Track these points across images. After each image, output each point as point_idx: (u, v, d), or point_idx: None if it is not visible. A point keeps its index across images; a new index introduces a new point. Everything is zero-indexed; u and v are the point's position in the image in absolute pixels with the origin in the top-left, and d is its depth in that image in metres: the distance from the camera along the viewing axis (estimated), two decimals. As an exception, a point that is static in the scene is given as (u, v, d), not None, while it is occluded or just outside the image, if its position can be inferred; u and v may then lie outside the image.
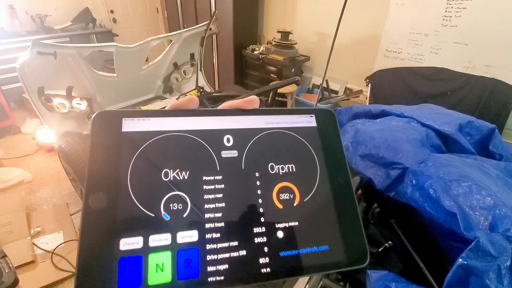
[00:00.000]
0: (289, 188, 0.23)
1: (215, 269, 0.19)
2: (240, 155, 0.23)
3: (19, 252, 1.54)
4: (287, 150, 0.24)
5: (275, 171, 0.23)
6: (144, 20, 4.35)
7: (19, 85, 2.03)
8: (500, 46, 1.89)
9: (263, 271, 0.20)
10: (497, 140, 0.86)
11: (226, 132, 0.24)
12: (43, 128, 2.45)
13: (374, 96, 2.56)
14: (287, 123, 0.25)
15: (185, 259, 0.19)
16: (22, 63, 1.47)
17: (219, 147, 0.23)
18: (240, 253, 0.20)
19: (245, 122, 0.24)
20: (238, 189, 0.22)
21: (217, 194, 0.21)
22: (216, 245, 0.20)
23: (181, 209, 0.20)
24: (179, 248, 0.19)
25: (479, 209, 0.55)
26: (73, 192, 2.05)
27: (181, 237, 0.20)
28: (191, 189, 0.21)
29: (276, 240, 0.21)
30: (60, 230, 1.76)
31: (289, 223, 0.22)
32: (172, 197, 0.21)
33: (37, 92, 1.62)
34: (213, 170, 0.22)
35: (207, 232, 0.20)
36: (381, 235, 0.77)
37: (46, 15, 3.26)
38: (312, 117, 0.26)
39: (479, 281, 0.47)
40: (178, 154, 0.22)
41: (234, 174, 0.22)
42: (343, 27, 1.36)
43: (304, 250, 0.21)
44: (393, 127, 0.84)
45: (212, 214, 0.21)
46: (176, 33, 2.00)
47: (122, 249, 0.18)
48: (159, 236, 0.19)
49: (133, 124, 0.22)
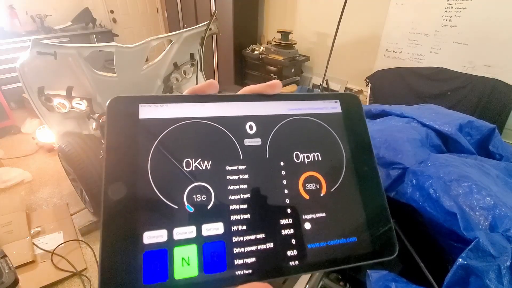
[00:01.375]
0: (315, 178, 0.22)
1: (242, 262, 0.19)
2: (264, 143, 0.22)
3: (19, 252, 1.54)
4: (312, 138, 0.23)
5: (300, 160, 0.23)
6: (144, 20, 4.35)
7: (19, 85, 2.03)
8: (500, 46, 1.89)
9: (291, 264, 0.20)
10: (497, 140, 0.86)
11: (248, 118, 0.23)
12: (43, 128, 2.45)
13: (374, 96, 2.56)
14: (311, 109, 0.24)
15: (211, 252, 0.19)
16: (22, 63, 1.47)
17: (241, 135, 0.22)
18: (268, 245, 0.20)
19: (267, 108, 0.23)
20: (263, 179, 0.21)
21: (242, 185, 0.21)
22: (242, 238, 0.19)
23: (205, 201, 0.20)
24: (205, 241, 0.19)
25: (479, 209, 0.55)
26: (73, 192, 2.05)
27: (206, 229, 0.19)
28: (214, 180, 0.20)
29: (303, 232, 0.21)
30: (60, 230, 1.76)
31: (316, 214, 0.21)
32: (195, 188, 0.20)
33: (37, 92, 1.62)
34: (236, 160, 0.21)
35: (232, 224, 0.20)
36: (381, 235, 0.77)
37: (46, 15, 3.26)
38: (336, 103, 0.25)
39: (479, 281, 0.47)
40: (199, 143, 0.21)
41: (258, 163, 0.22)
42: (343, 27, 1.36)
43: (332, 242, 0.21)
44: (393, 127, 0.84)
45: (237, 206, 0.20)
46: (176, 33, 2.00)
47: (146, 242, 0.18)
48: (184, 229, 0.19)
49: (151, 110, 0.21)
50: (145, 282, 0.17)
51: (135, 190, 0.19)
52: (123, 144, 0.19)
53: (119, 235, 0.18)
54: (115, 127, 0.20)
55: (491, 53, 1.94)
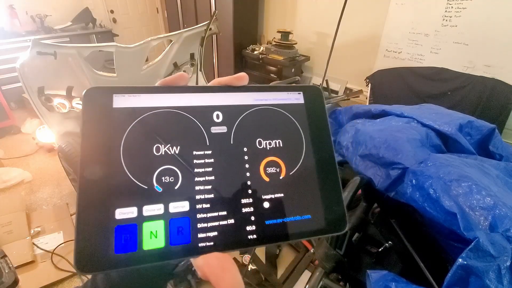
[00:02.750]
0: (276, 162, 0.24)
1: (205, 236, 0.21)
2: (229, 131, 0.24)
3: (19, 252, 1.54)
4: (274, 126, 0.25)
5: (262, 146, 0.24)
6: (144, 20, 4.35)
7: (19, 85, 2.03)
8: (500, 46, 1.89)
9: (249, 238, 0.22)
10: (497, 140, 0.86)
11: (215, 108, 0.24)
12: (43, 128, 2.45)
13: (374, 96, 2.56)
14: (275, 99, 0.26)
15: (177, 227, 0.20)
16: (22, 63, 1.47)
17: (208, 123, 0.24)
18: (229, 221, 0.22)
19: (234, 99, 0.25)
20: (227, 163, 0.23)
21: (207, 168, 0.22)
22: (206, 214, 0.21)
23: (172, 182, 0.21)
24: (172, 217, 0.21)
25: (479, 209, 0.55)
26: (73, 192, 2.05)
27: (173, 207, 0.21)
28: (181, 163, 0.22)
29: (262, 210, 0.22)
30: (60, 230, 1.76)
31: (275, 195, 0.23)
32: (164, 170, 0.22)
33: (37, 92, 1.62)
34: (203, 145, 0.23)
35: (197, 202, 0.21)
36: (381, 235, 0.77)
37: (46, 15, 3.26)
38: (300, 94, 0.27)
39: (479, 281, 0.47)
40: (169, 130, 0.23)
41: (223, 149, 0.23)
42: (343, 27, 1.36)
43: (288, 218, 0.23)
44: (393, 127, 0.84)
45: (202, 186, 0.22)
46: (176, 33, 2.00)
47: (118, 218, 0.20)
48: (153, 207, 0.20)
49: (124, 100, 0.22)
50: (116, 252, 0.19)
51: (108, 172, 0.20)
52: (97, 130, 0.21)
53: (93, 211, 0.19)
54: (90, 115, 0.21)
55: (491, 53, 1.94)
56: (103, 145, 0.21)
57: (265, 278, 1.36)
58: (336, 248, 0.75)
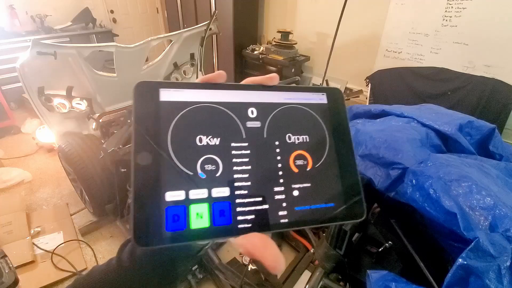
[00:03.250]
0: (303, 156, 0.27)
1: (243, 218, 0.23)
2: (263, 126, 0.27)
3: (19, 252, 1.54)
4: (302, 123, 0.28)
5: (292, 141, 0.27)
6: (144, 20, 4.35)
7: (19, 85, 2.03)
8: (500, 46, 1.89)
9: (281, 221, 0.24)
10: (497, 140, 0.86)
11: (250, 105, 0.27)
12: (43, 128, 2.45)
13: (374, 96, 2.56)
14: (302, 99, 0.29)
15: (219, 210, 0.23)
16: (22, 63, 1.47)
17: (244, 118, 0.26)
18: (263, 206, 0.24)
19: (266, 97, 0.28)
20: (261, 154, 0.26)
21: (244, 158, 0.25)
22: (244, 200, 0.24)
23: (214, 170, 0.24)
24: (214, 201, 0.23)
25: (479, 209, 0.55)
26: (73, 192, 2.05)
27: (215, 192, 0.23)
28: (222, 153, 0.25)
29: (292, 197, 0.25)
30: (60, 230, 1.76)
31: (303, 184, 0.26)
32: (206, 159, 0.24)
33: (37, 92, 1.62)
34: (240, 138, 0.26)
35: (236, 189, 0.24)
36: (381, 235, 0.77)
37: (46, 15, 3.27)
38: (323, 95, 0.30)
39: (479, 281, 0.47)
40: (210, 123, 0.25)
41: (258, 141, 0.26)
42: (343, 27, 1.36)
43: (314, 206, 0.26)
44: (393, 127, 0.84)
45: (240, 175, 0.25)
46: (176, 33, 2.00)
47: (168, 200, 0.22)
48: (197, 191, 0.23)
49: (170, 94, 0.25)
50: (167, 230, 0.21)
51: (158, 159, 0.23)
52: (147, 121, 0.23)
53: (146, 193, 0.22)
54: (140, 107, 0.24)
55: (491, 53, 1.94)
56: (153, 134, 0.23)
57: (265, 278, 1.36)
58: (336, 248, 0.75)
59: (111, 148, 1.29)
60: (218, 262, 1.41)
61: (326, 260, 0.76)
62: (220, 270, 1.37)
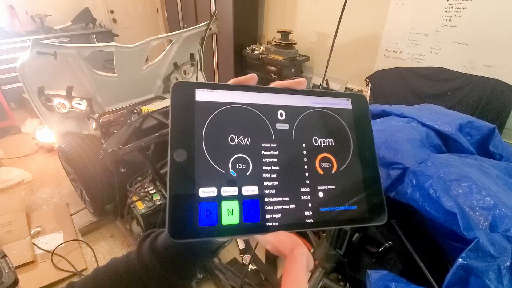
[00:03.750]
0: (329, 158, 0.28)
1: (271, 217, 0.24)
2: (291, 128, 0.27)
3: (19, 252, 1.54)
4: (327, 127, 0.29)
5: (318, 143, 0.28)
6: (144, 20, 4.35)
7: (19, 85, 2.03)
8: (500, 46, 1.89)
9: (307, 221, 0.25)
10: (497, 140, 0.86)
11: (280, 107, 0.28)
12: (43, 128, 2.45)
13: (374, 96, 2.56)
14: (328, 104, 0.30)
15: (249, 207, 0.24)
16: (22, 63, 1.47)
17: (274, 120, 0.27)
18: (290, 206, 0.25)
19: (295, 100, 0.29)
20: (289, 155, 0.26)
21: (273, 159, 0.26)
22: (272, 199, 0.25)
23: (245, 169, 0.25)
24: (244, 199, 0.24)
25: (479, 209, 0.55)
26: (73, 192, 2.05)
27: (245, 190, 0.24)
28: (252, 153, 0.25)
29: (317, 199, 0.26)
30: (60, 230, 1.76)
31: (328, 186, 0.27)
32: (238, 158, 0.25)
33: (37, 92, 1.62)
34: (269, 139, 0.26)
35: (265, 188, 0.25)
36: (381, 235, 0.77)
37: (46, 15, 3.26)
38: (348, 101, 0.31)
39: (479, 281, 0.47)
40: (242, 123, 0.26)
41: (286, 143, 0.27)
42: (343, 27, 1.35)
43: (338, 208, 0.26)
44: (393, 127, 0.84)
45: (269, 175, 0.25)
46: (176, 33, 2.00)
47: (201, 195, 0.23)
48: (229, 189, 0.24)
49: (204, 94, 0.26)
50: (201, 224, 0.22)
51: (192, 156, 0.24)
52: (183, 119, 0.24)
53: (181, 188, 0.23)
54: (177, 106, 0.25)
55: (491, 53, 1.94)
56: (188, 132, 0.24)
57: (265, 278, 1.36)
58: (336, 248, 0.75)
59: (111, 148, 1.29)
60: (218, 262, 1.41)
61: (326, 260, 0.76)
62: (220, 270, 1.37)
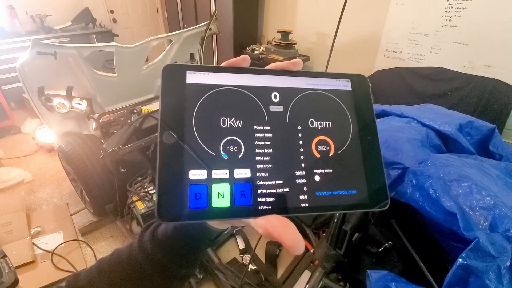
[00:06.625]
0: (326, 141, 0.27)
1: (264, 200, 0.24)
2: (285, 110, 0.27)
3: (19, 252, 1.54)
4: (325, 109, 0.28)
5: (314, 126, 0.27)
6: (144, 20, 4.35)
7: (19, 85, 2.03)
8: (500, 46, 1.89)
9: (302, 206, 0.24)
10: (497, 140, 0.86)
11: (274, 89, 0.27)
12: (43, 128, 2.45)
13: (374, 96, 2.56)
14: (325, 85, 0.29)
15: (240, 190, 0.23)
16: (22, 63, 1.47)
17: (267, 102, 0.26)
18: (284, 189, 0.24)
19: (290, 82, 0.28)
20: (283, 138, 0.26)
21: (266, 141, 0.25)
22: (265, 182, 0.24)
23: (236, 151, 0.24)
24: (236, 182, 0.24)
25: (479, 209, 0.55)
26: (73, 192, 2.05)
27: (237, 173, 0.24)
28: (244, 136, 0.25)
29: (313, 182, 0.25)
30: (60, 230, 1.76)
31: (325, 170, 0.26)
32: (229, 140, 0.24)
33: (37, 92, 1.62)
34: (262, 121, 0.26)
35: (257, 171, 0.24)
36: (381, 235, 0.77)
37: (46, 15, 3.26)
38: (348, 82, 0.29)
39: (479, 281, 0.47)
40: (234, 106, 0.25)
41: (280, 125, 0.26)
42: (343, 27, 1.36)
43: (336, 192, 0.25)
44: (393, 127, 0.84)
45: (262, 157, 0.25)
46: (176, 33, 2.00)
47: (191, 178, 0.23)
48: (220, 171, 0.23)
49: (195, 77, 0.25)
50: (190, 206, 0.22)
51: (183, 138, 0.23)
52: (173, 102, 0.24)
53: (171, 170, 0.22)
54: (168, 88, 0.24)
55: (491, 53, 1.94)
56: (178, 114, 0.24)
57: (265, 278, 1.36)
58: (336, 248, 0.75)
59: (111, 148, 1.29)
60: (218, 262, 1.41)
61: (326, 260, 0.76)
62: (220, 270, 1.37)
